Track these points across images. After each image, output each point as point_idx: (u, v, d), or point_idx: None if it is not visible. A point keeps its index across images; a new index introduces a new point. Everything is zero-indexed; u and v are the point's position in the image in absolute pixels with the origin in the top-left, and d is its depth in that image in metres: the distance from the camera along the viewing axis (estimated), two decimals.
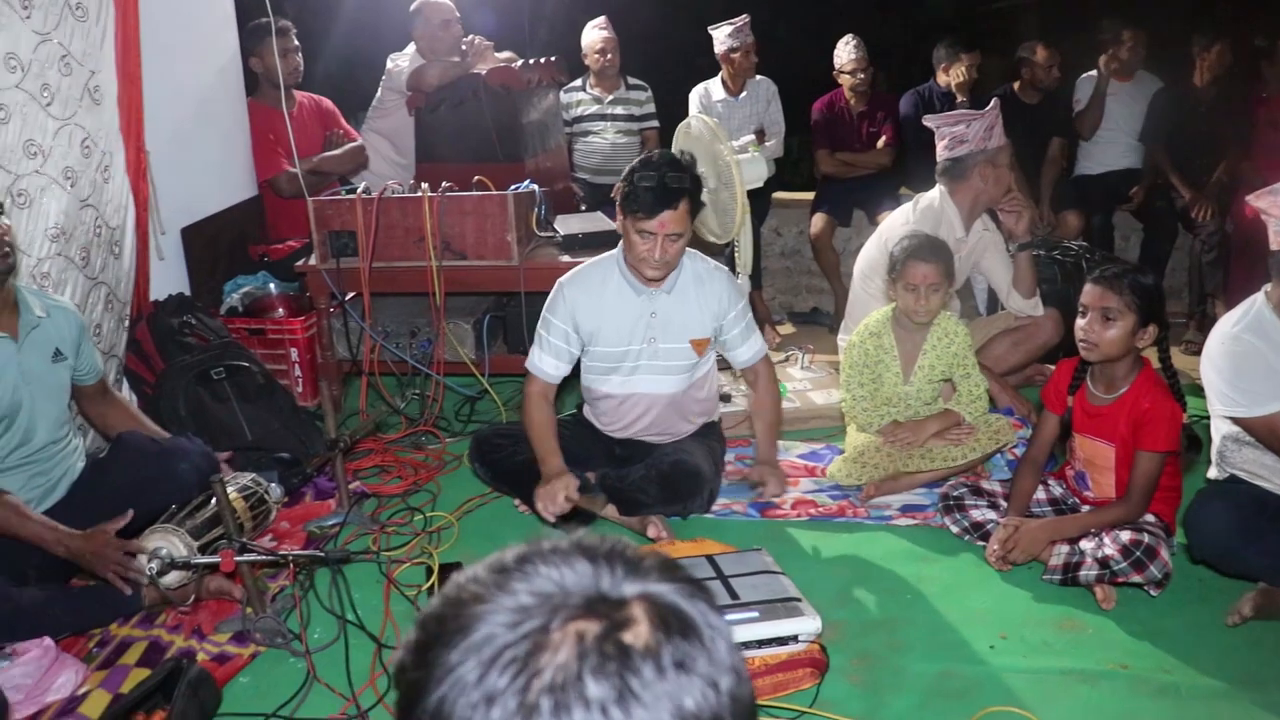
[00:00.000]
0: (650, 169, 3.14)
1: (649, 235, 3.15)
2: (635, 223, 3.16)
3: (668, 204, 3.10)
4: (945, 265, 3.46)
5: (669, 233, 3.13)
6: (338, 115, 5.36)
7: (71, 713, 2.61)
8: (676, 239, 3.16)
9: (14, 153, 3.36)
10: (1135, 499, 2.96)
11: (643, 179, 3.13)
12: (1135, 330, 2.93)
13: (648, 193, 3.10)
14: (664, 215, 3.11)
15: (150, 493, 3.09)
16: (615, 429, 3.59)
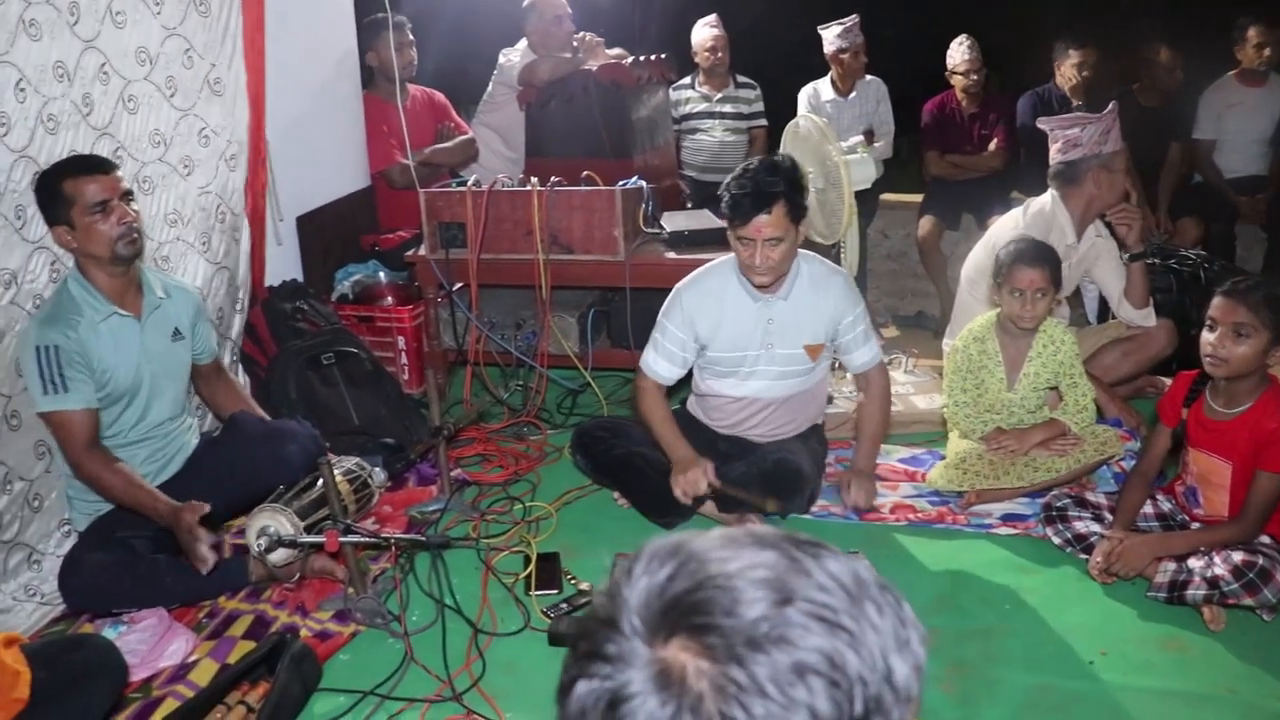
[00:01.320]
0: (745, 175, 3.13)
1: (748, 241, 3.14)
2: (734, 230, 3.16)
3: (761, 208, 3.08)
4: (1052, 271, 3.39)
5: (766, 237, 3.11)
6: (449, 109, 5.44)
7: (182, 679, 2.71)
8: (776, 243, 3.13)
9: (140, 142, 3.50)
10: (1250, 519, 2.86)
11: (738, 186, 3.12)
12: (1268, 348, 2.82)
13: (743, 199, 3.09)
14: (759, 220, 3.09)
15: (260, 472, 3.20)
16: (723, 426, 3.59)
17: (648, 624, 0.77)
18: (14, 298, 3.06)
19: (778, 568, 0.78)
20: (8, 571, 3.08)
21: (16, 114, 3.02)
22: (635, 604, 0.78)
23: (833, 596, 0.77)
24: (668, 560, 0.81)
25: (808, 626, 0.75)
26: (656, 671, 0.74)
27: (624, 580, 0.81)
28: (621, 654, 0.76)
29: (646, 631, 0.76)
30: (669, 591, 0.78)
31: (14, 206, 3.04)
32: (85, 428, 2.97)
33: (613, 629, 0.78)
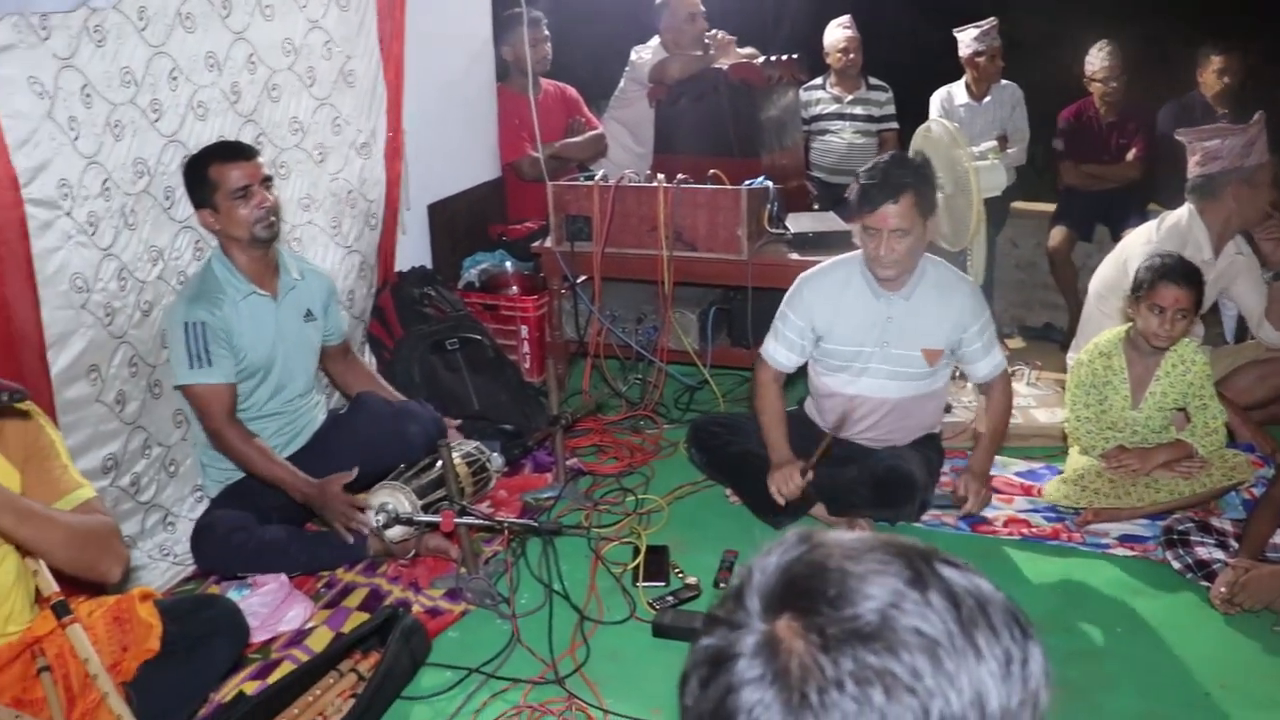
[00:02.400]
0: (875, 167, 3.15)
1: (874, 232, 3.13)
2: (861, 220, 3.16)
3: (889, 197, 3.07)
4: (1196, 292, 3.27)
5: (893, 228, 3.09)
6: (581, 103, 5.51)
7: (299, 643, 2.83)
8: (902, 236, 3.11)
9: (280, 129, 3.65)
10: None
11: (867, 177, 3.13)
12: None
13: (871, 188, 3.09)
14: (886, 209, 3.08)
15: (381, 450, 3.30)
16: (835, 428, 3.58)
17: (765, 598, 0.81)
18: (160, 274, 3.22)
19: (898, 576, 0.80)
20: (145, 531, 3.24)
21: (169, 101, 3.17)
22: (760, 578, 0.83)
23: (941, 615, 0.78)
24: (799, 545, 0.85)
25: (905, 638, 0.77)
26: (762, 640, 0.78)
27: (758, 557, 0.85)
28: (739, 620, 0.81)
29: (763, 604, 0.80)
30: (791, 571, 0.82)
31: (163, 188, 3.19)
32: (225, 401, 3.12)
33: (738, 598, 0.82)
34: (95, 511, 2.33)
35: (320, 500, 3.14)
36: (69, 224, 2.82)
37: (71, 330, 2.86)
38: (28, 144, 2.68)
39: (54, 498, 2.29)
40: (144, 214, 3.12)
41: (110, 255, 2.99)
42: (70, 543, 2.19)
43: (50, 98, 2.74)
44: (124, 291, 3.05)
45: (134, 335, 3.12)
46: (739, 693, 0.77)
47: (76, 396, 2.91)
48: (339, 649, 2.67)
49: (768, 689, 0.76)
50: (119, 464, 3.09)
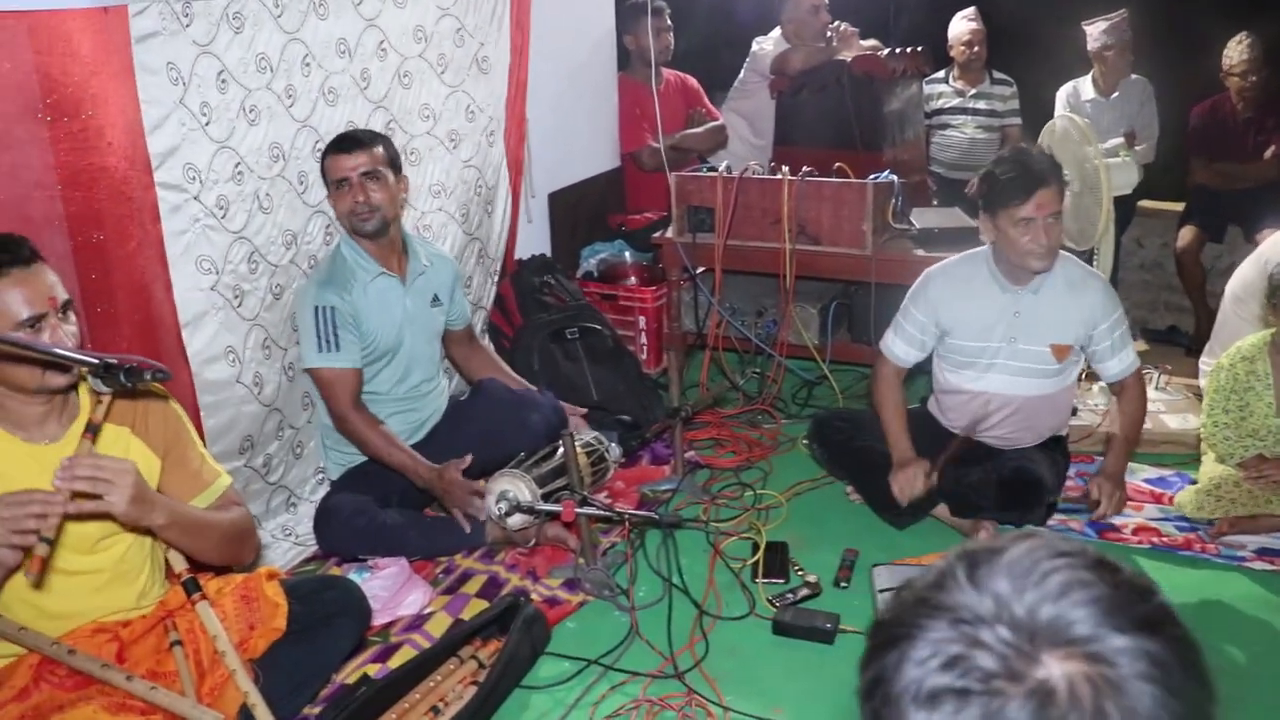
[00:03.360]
0: (1006, 160, 3.06)
1: (1028, 222, 3.02)
2: (1011, 212, 3.03)
3: (1039, 184, 2.98)
4: None
5: (1050, 212, 3.00)
6: (701, 94, 5.47)
7: (418, 628, 2.84)
8: (1057, 218, 3.03)
9: (411, 115, 3.68)
10: None
11: (1004, 170, 3.03)
12: None
13: (1015, 179, 2.99)
14: (1039, 195, 2.98)
15: (503, 438, 3.31)
16: (960, 426, 3.47)
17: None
18: (293, 258, 3.27)
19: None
20: (269, 511, 3.29)
21: (302, 87, 3.21)
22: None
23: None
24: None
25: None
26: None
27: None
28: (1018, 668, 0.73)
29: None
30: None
31: (297, 172, 3.24)
32: (352, 385, 3.15)
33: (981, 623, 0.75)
34: (233, 502, 2.42)
35: (439, 486, 3.16)
36: (197, 208, 2.88)
37: (203, 312, 2.92)
38: (160, 128, 2.74)
39: (197, 489, 2.36)
40: (279, 198, 3.17)
41: (241, 238, 3.04)
42: (220, 545, 2.35)
43: (185, 84, 2.79)
44: (254, 275, 3.10)
45: (265, 318, 3.17)
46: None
47: (216, 378, 2.97)
48: (460, 636, 2.67)
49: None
50: (254, 444, 3.16)
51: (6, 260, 2.03)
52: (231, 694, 2.21)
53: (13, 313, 2.01)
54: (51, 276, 2.09)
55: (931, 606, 0.76)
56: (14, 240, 2.07)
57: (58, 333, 2.05)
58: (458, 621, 2.85)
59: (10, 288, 2.01)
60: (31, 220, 2.38)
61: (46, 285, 2.06)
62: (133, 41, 2.62)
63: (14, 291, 2.01)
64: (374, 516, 3.13)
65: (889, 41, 5.26)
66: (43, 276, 2.07)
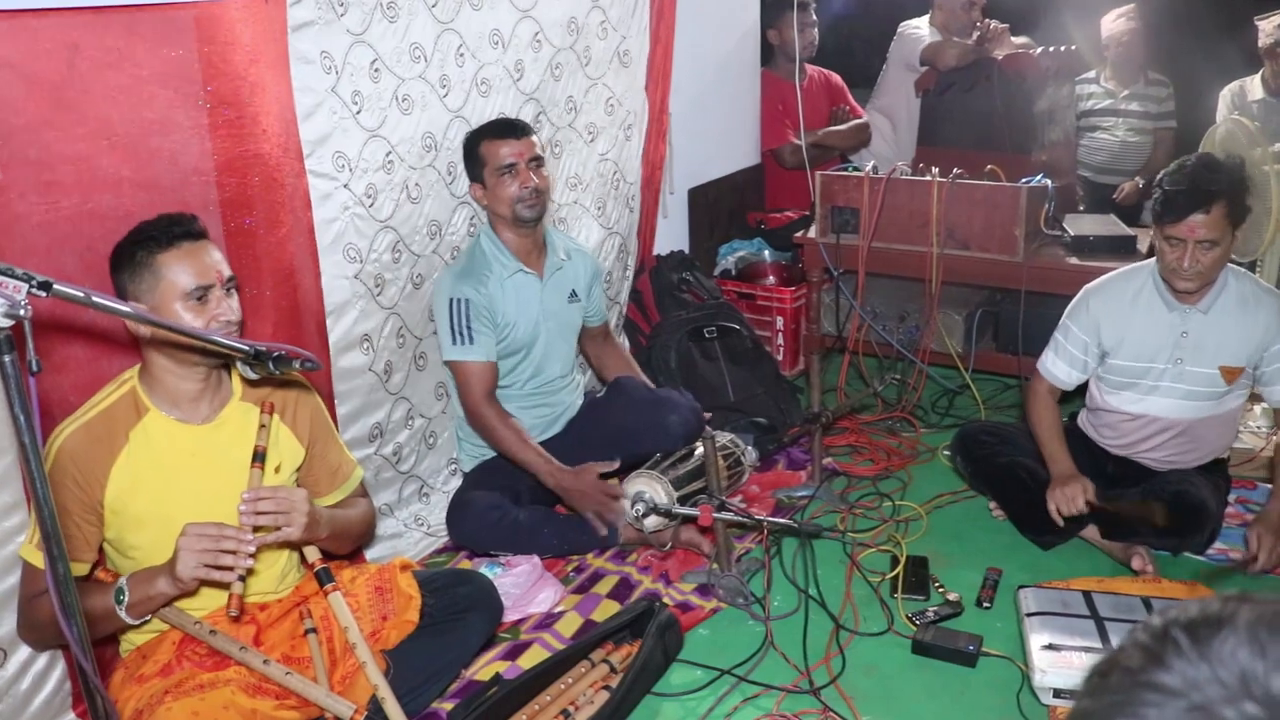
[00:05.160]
0: (1181, 171, 2.88)
1: (1178, 242, 2.88)
2: (1164, 229, 2.90)
3: (1197, 206, 2.81)
4: None
5: (1200, 239, 2.84)
6: (845, 91, 5.36)
7: (549, 627, 2.80)
8: (1210, 247, 2.85)
9: (558, 107, 3.65)
10: None
11: (1172, 182, 2.87)
12: None
13: (1177, 195, 2.84)
14: (1193, 219, 2.82)
15: (639, 439, 3.26)
16: (1116, 445, 3.32)
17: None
18: (436, 248, 3.27)
19: None
20: (401, 500, 3.30)
21: (456, 76, 3.21)
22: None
23: None
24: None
25: None
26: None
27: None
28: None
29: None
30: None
31: (447, 163, 3.24)
32: (484, 379, 3.14)
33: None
34: (362, 495, 2.51)
35: (576, 488, 3.11)
36: (347, 196, 2.89)
37: (346, 300, 2.94)
38: (313, 116, 2.75)
39: (337, 482, 2.46)
40: (427, 188, 3.18)
41: (387, 227, 3.04)
42: (352, 542, 2.47)
43: (337, 73, 2.80)
44: (397, 264, 3.11)
45: (403, 307, 3.18)
46: None
47: (351, 366, 2.99)
48: (593, 638, 2.63)
49: None
50: (383, 433, 3.17)
51: (179, 233, 2.12)
52: (362, 684, 2.22)
53: (181, 283, 2.09)
54: (218, 253, 2.18)
55: (1154, 689, 0.65)
56: (184, 216, 2.17)
57: (222, 305, 2.13)
58: (588, 622, 2.82)
59: (179, 259, 2.10)
60: (188, 205, 2.41)
61: (214, 260, 2.15)
62: (289, 30, 2.64)
63: (183, 263, 2.10)
64: (507, 513, 3.11)
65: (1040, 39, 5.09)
66: (210, 251, 2.16)
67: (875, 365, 4.39)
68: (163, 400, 2.17)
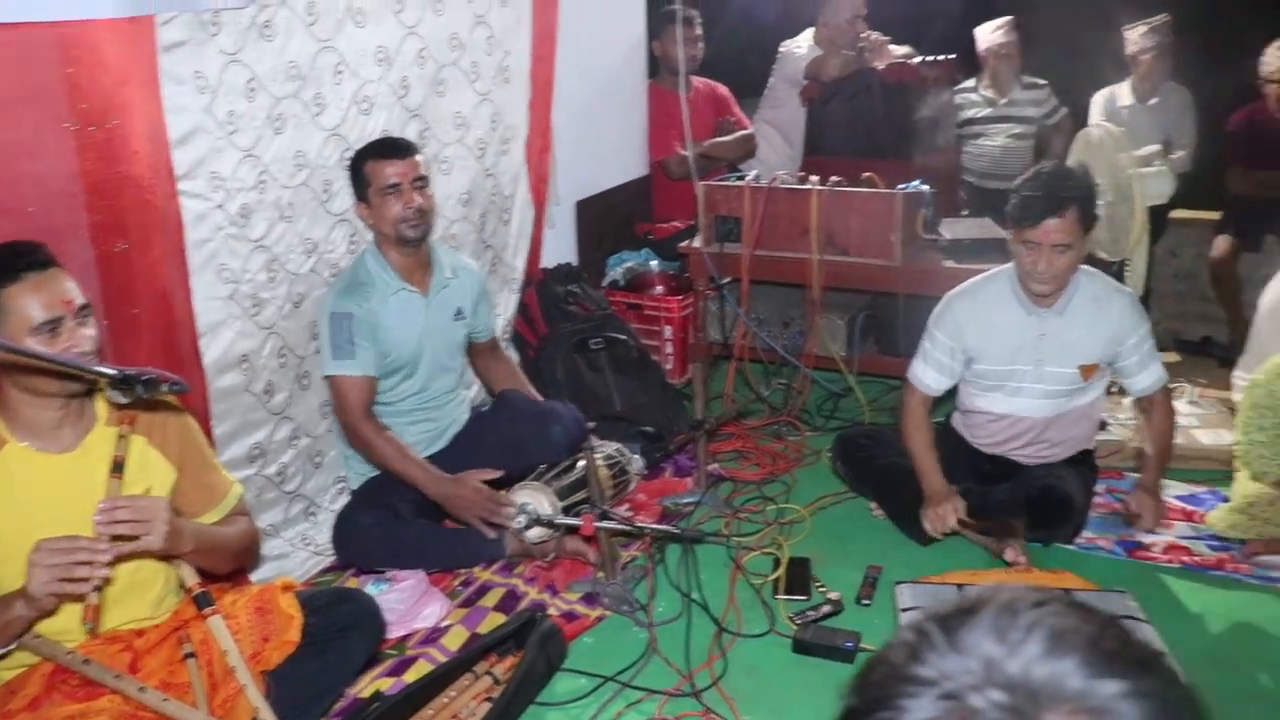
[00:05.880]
0: (1038, 177, 3.02)
1: (1034, 246, 3.00)
2: (1020, 233, 3.03)
3: (1053, 211, 2.94)
4: None
5: (1055, 243, 2.97)
6: (731, 102, 5.45)
7: (434, 642, 2.82)
8: (1063, 251, 2.99)
9: (445, 124, 3.67)
10: None
11: (1029, 188, 3.00)
12: None
13: (1033, 200, 2.97)
14: (1049, 223, 2.95)
15: (523, 450, 3.29)
16: (987, 444, 3.44)
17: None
18: (314, 266, 3.26)
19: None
20: (287, 520, 3.29)
21: (332, 95, 3.21)
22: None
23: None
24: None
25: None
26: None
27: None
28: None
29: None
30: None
31: (322, 181, 3.24)
32: (363, 393, 3.15)
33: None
34: (241, 514, 2.48)
35: (458, 495, 3.12)
36: (220, 216, 2.88)
37: (221, 320, 2.92)
38: (186, 137, 2.73)
39: (213, 501, 2.42)
40: (301, 207, 3.17)
41: (261, 247, 3.03)
42: (231, 559, 2.44)
43: (212, 92, 2.79)
44: (273, 283, 3.10)
45: (283, 326, 3.16)
46: None
47: (228, 385, 2.97)
48: (475, 651, 2.65)
49: None
50: (265, 453, 3.15)
51: (22, 265, 2.04)
52: (244, 706, 2.21)
53: (30, 317, 2.02)
54: (68, 281, 2.10)
55: (910, 681, 0.70)
56: (29, 246, 2.09)
57: (75, 336, 2.07)
58: (474, 635, 2.84)
59: (26, 292, 2.02)
60: (55, 229, 2.38)
61: (63, 289, 2.07)
62: (159, 51, 2.62)
63: (30, 296, 2.03)
64: (393, 528, 3.12)
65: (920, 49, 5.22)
66: (59, 281, 2.08)
67: (762, 371, 4.47)
68: (21, 431, 2.13)
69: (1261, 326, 3.85)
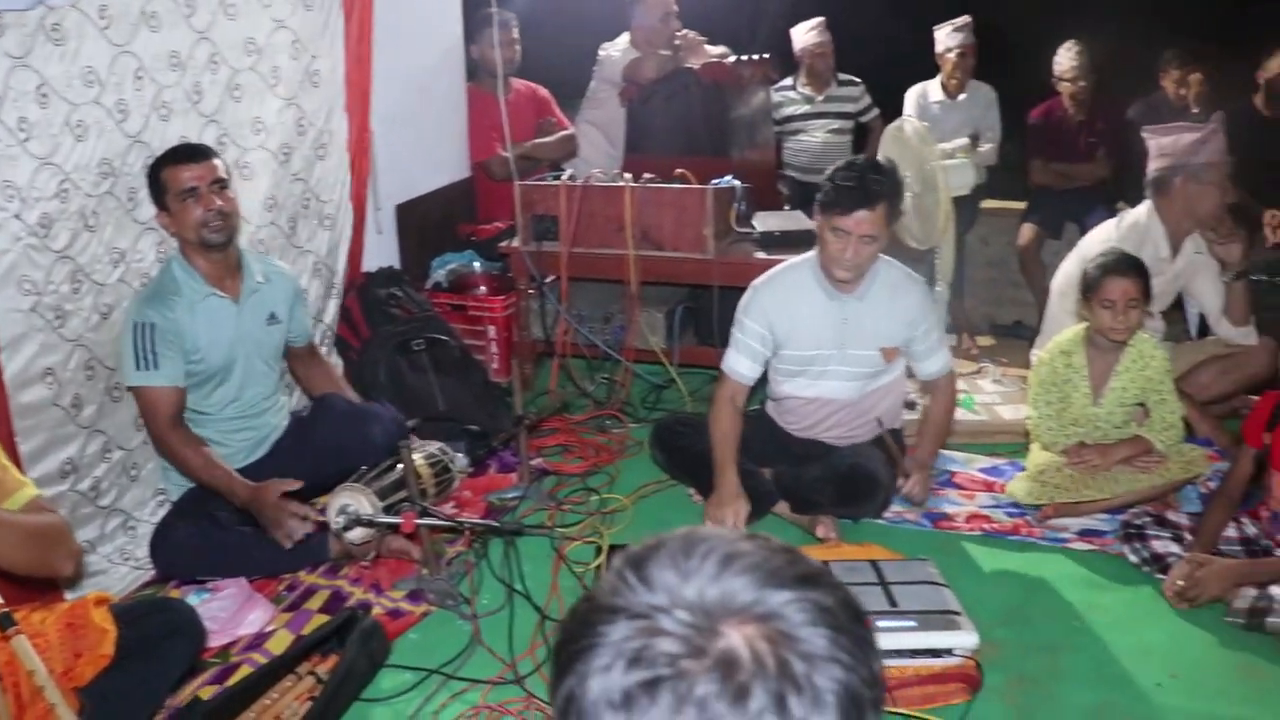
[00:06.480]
0: (852, 169, 3.15)
1: (843, 234, 3.15)
2: (831, 220, 3.16)
3: (865, 204, 3.09)
4: (1142, 281, 3.33)
5: (863, 234, 3.12)
6: (551, 103, 5.51)
7: (258, 647, 2.82)
8: (870, 241, 3.14)
9: (243, 129, 3.64)
10: None
11: (843, 178, 3.13)
12: None
13: (847, 191, 3.11)
14: (860, 214, 3.10)
15: (344, 453, 3.29)
16: (797, 428, 3.59)
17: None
18: (122, 275, 3.21)
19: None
20: (104, 535, 3.22)
21: (134, 101, 3.16)
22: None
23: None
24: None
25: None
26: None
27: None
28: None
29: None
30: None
31: (127, 189, 3.18)
32: (170, 403, 3.11)
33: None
34: (42, 510, 2.34)
35: (257, 501, 3.10)
36: (18, 226, 2.81)
37: (22, 334, 2.85)
38: None
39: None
40: (106, 216, 3.11)
41: (65, 258, 2.97)
42: (26, 543, 2.20)
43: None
44: (78, 295, 3.04)
45: (90, 338, 3.10)
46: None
47: (33, 400, 2.90)
48: (297, 652, 2.66)
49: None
50: (77, 468, 3.08)
51: None
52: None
53: None
54: None
55: (608, 612, 0.79)
56: None
57: None
58: (300, 638, 2.84)
59: None
60: None
61: None
62: None
63: None
64: (211, 537, 3.10)
65: (742, 49, 5.37)
66: None
67: (585, 367, 4.56)
68: None
69: (1053, 308, 4.13)
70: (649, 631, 0.77)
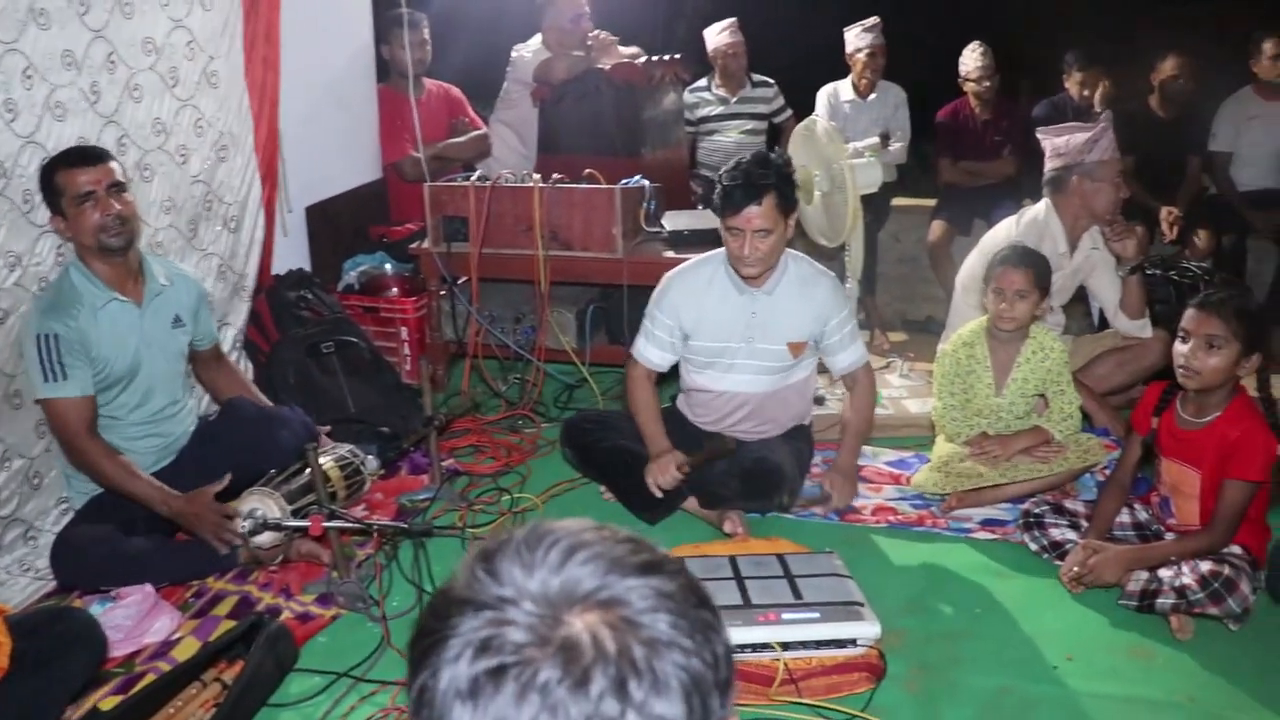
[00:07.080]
0: (738, 168, 3.21)
1: (738, 232, 3.20)
2: (725, 220, 3.23)
3: (752, 199, 3.14)
4: (1036, 274, 3.42)
5: (756, 229, 3.17)
6: (464, 104, 5.50)
7: (164, 655, 2.79)
8: (765, 235, 3.19)
9: (143, 129, 3.59)
10: (1219, 529, 2.88)
11: (730, 178, 3.19)
12: (1239, 360, 2.84)
13: (734, 190, 3.17)
14: (749, 210, 3.15)
15: (252, 457, 3.26)
16: (707, 422, 3.63)
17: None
18: (19, 280, 3.15)
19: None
20: (4, 546, 3.17)
21: (24, 100, 3.10)
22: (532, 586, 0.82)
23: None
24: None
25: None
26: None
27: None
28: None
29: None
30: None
31: (21, 191, 3.12)
32: (82, 414, 3.05)
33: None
34: None
35: (190, 512, 3.08)
36: None
37: None
38: None
39: None
40: (1, 218, 3.05)
41: None
42: None
43: None
44: None
45: None
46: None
47: None
48: (203, 658, 2.64)
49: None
50: None
51: None
52: None
53: None
54: None
55: (461, 603, 0.82)
56: None
57: None
58: (206, 645, 2.81)
59: None
60: None
61: None
62: None
63: None
64: (115, 546, 3.05)
65: (657, 50, 5.40)
66: None
67: (498, 367, 4.56)
68: None
69: (957, 303, 4.22)
70: (497, 623, 0.79)
